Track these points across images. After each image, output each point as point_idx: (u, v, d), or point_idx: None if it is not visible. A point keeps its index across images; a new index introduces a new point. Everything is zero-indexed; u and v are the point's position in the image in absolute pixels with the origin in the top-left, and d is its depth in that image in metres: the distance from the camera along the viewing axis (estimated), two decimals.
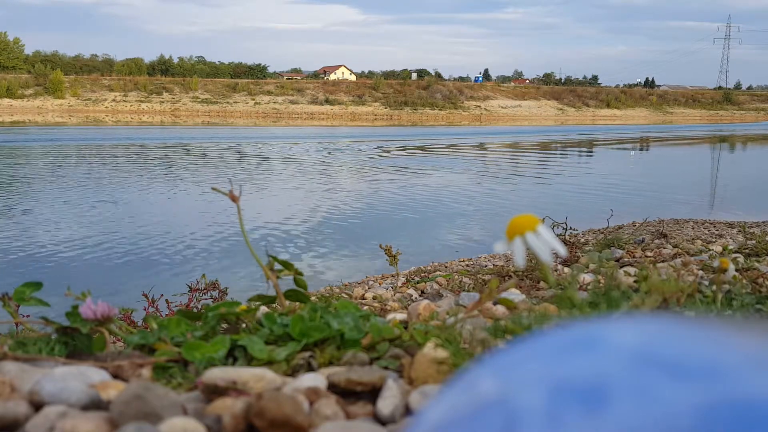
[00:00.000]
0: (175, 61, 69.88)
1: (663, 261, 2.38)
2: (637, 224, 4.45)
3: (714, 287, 1.13)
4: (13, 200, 9.06)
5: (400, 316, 1.12)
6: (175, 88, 56.25)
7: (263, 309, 1.00)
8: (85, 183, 10.58)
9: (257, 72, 73.99)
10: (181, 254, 5.93)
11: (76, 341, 0.89)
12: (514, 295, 1.44)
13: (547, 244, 0.83)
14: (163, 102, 53.78)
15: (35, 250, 6.00)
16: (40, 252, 5.93)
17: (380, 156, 17.12)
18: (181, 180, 11.36)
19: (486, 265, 3.20)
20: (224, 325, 0.97)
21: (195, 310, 1.64)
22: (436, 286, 2.45)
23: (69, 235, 6.58)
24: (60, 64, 60.76)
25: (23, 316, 1.01)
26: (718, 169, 16.42)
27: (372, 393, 0.74)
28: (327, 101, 56.92)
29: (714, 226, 4.26)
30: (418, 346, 0.87)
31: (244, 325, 0.96)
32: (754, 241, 2.54)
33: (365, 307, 1.58)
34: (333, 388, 0.74)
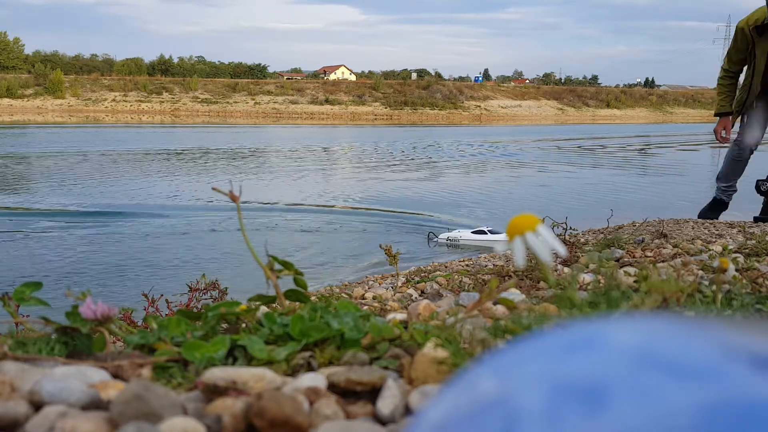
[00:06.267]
0: (175, 61, 69.92)
1: (663, 261, 2.37)
2: (637, 224, 4.45)
3: (714, 287, 1.13)
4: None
5: (400, 316, 1.12)
6: (175, 88, 56.19)
7: (263, 309, 1.00)
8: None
9: (257, 72, 74.02)
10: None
11: (76, 341, 0.89)
12: (514, 295, 1.44)
13: (547, 244, 0.83)
14: (163, 102, 53.72)
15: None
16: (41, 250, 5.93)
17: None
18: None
19: (486, 265, 3.20)
20: (224, 325, 0.97)
21: (195, 310, 1.64)
22: (435, 286, 2.45)
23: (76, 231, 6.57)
24: (60, 64, 60.77)
25: (23, 316, 1.01)
26: None
27: (372, 393, 0.74)
28: (327, 101, 56.88)
29: (714, 226, 4.25)
30: (418, 346, 0.87)
31: (244, 325, 0.96)
32: (754, 241, 2.54)
33: (365, 307, 1.58)
34: (333, 388, 0.74)
